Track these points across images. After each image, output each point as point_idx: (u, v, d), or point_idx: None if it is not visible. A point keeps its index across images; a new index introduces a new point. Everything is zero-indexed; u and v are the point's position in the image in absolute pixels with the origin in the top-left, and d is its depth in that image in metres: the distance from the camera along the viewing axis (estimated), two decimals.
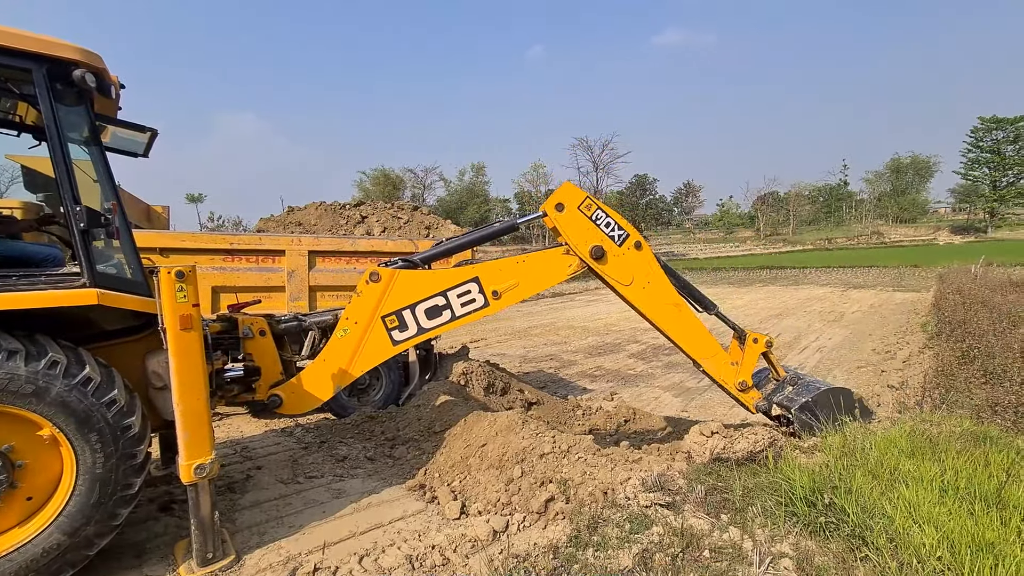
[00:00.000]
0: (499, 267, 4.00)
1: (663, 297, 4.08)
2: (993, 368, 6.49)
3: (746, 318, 14.19)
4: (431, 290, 3.89)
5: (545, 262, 4.07)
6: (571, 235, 4.01)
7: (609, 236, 4.03)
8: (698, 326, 4.13)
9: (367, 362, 3.91)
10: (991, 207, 62.77)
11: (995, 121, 62.97)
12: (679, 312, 4.09)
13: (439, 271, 4.06)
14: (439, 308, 3.91)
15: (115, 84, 3.36)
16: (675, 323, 4.10)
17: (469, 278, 3.92)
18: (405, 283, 3.87)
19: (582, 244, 4.01)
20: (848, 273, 25.98)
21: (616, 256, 4.03)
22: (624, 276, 4.04)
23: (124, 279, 3.19)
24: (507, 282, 3.96)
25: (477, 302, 3.94)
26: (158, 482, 4.12)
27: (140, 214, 6.81)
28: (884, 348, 9.76)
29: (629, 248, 4.03)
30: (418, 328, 3.90)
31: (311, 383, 3.91)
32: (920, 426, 4.52)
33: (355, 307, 3.86)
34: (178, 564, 3.04)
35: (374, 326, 3.85)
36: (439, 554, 3.09)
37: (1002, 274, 16.83)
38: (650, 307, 4.09)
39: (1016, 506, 3.09)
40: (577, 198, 4.04)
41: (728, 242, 65.14)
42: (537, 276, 4.04)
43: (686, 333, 4.11)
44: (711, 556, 2.90)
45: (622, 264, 4.03)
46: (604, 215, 4.04)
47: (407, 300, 3.87)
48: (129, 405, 2.91)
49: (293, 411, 3.98)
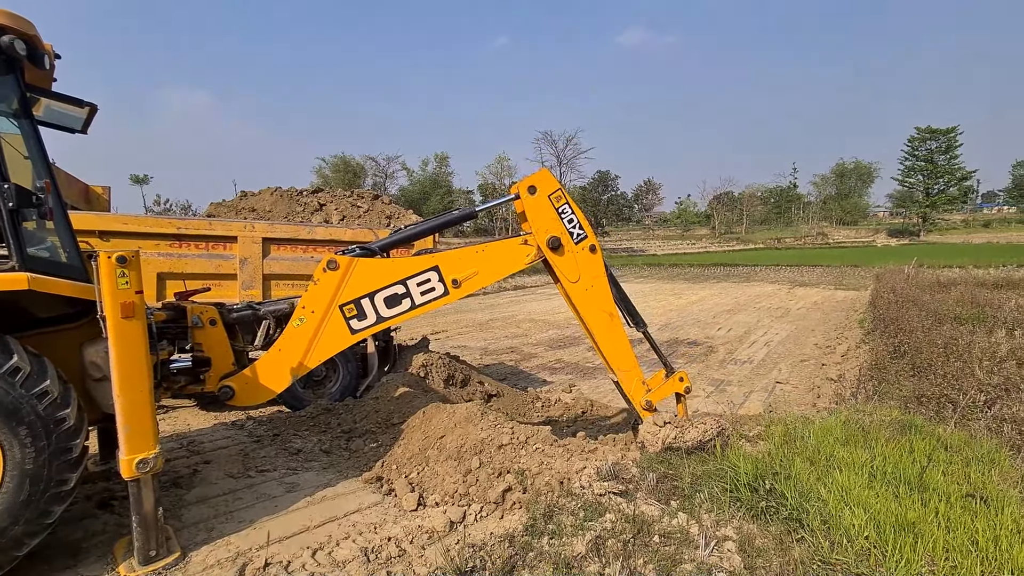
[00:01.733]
0: (459, 256, 4.01)
1: (601, 303, 4.24)
2: (920, 362, 6.99)
3: (701, 313, 14.71)
4: (390, 278, 3.87)
5: (503, 251, 4.12)
6: (535, 220, 4.09)
7: (569, 231, 4.14)
8: (623, 338, 4.31)
9: (324, 352, 3.83)
10: (924, 212, 67.26)
11: (929, 132, 67.36)
12: (611, 321, 4.26)
13: (398, 259, 4.03)
14: (398, 297, 3.88)
15: (49, 53, 3.13)
16: (604, 330, 4.26)
17: (429, 267, 3.91)
18: (363, 271, 3.82)
19: (543, 231, 4.09)
20: (795, 271, 27.29)
21: (571, 252, 4.15)
22: (572, 273, 4.17)
23: (58, 263, 3.00)
24: (467, 271, 3.97)
25: (437, 291, 3.94)
26: (96, 478, 3.92)
27: (77, 194, 6.36)
28: (825, 343, 10.34)
29: (584, 249, 4.17)
30: (377, 317, 3.86)
31: (265, 374, 3.80)
32: (854, 416, 4.83)
33: (312, 296, 3.78)
34: (118, 563, 2.90)
35: (331, 315, 3.79)
36: (395, 546, 3.08)
37: (931, 275, 18.09)
38: (587, 309, 4.24)
39: (935, 489, 3.36)
40: (550, 186, 4.13)
41: (685, 239, 67.15)
42: (496, 265, 4.09)
43: (611, 342, 4.29)
44: (660, 541, 3.02)
45: (574, 261, 4.16)
46: (570, 211, 4.15)
47: (366, 288, 3.82)
48: (63, 397, 2.74)
49: (246, 402, 3.86)
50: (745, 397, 7.02)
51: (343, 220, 7.06)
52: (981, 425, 4.81)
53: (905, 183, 71.00)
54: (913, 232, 66.07)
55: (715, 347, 10.28)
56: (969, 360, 6.73)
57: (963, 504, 3.19)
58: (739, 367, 8.71)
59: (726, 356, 9.52)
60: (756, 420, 5.16)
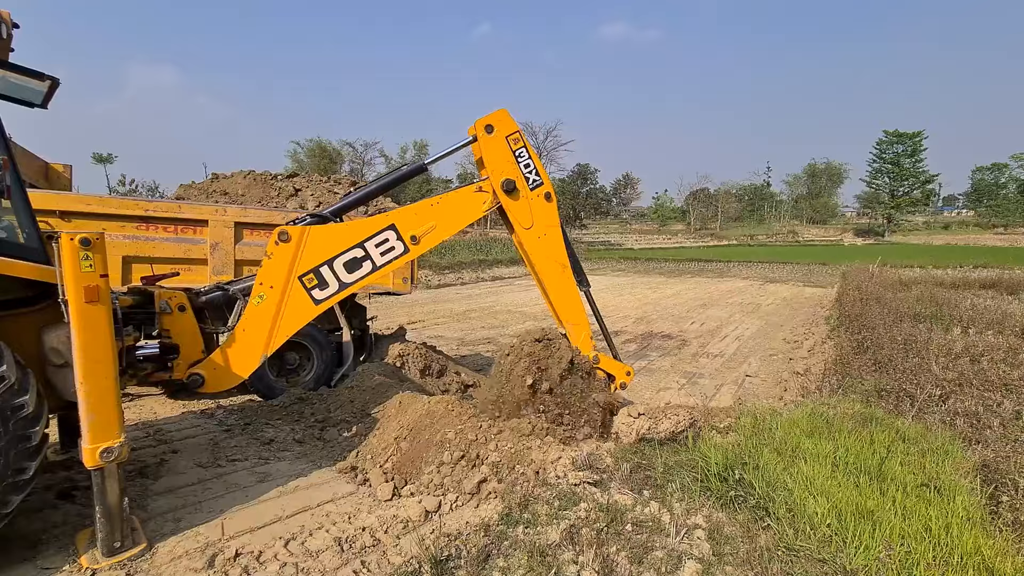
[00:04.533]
0: (414, 211, 3.92)
1: (554, 253, 4.18)
2: (881, 358, 7.27)
3: (675, 307, 14.97)
4: (347, 243, 3.76)
5: (459, 200, 4.04)
6: (491, 161, 4.01)
7: (525, 176, 4.07)
8: (573, 291, 4.27)
9: (290, 327, 3.75)
10: (889, 213, 69.63)
11: (896, 135, 69.60)
12: (563, 272, 4.21)
13: (352, 222, 3.92)
14: (358, 260, 3.79)
15: (6, 22, 2.97)
16: (556, 281, 4.21)
17: (385, 226, 3.82)
18: (318, 239, 3.71)
19: (498, 173, 4.02)
20: (767, 268, 27.96)
21: (525, 198, 4.08)
22: (525, 219, 4.11)
23: (14, 243, 2.86)
24: (424, 225, 3.90)
25: (397, 249, 3.87)
26: (57, 467, 3.78)
27: (36, 172, 6.06)
28: (793, 338, 10.66)
29: (539, 196, 4.10)
30: (339, 284, 3.77)
31: (232, 358, 3.70)
32: (819, 408, 5.00)
33: (267, 270, 3.66)
34: (80, 555, 2.82)
35: (292, 288, 3.68)
36: (369, 535, 3.07)
37: (894, 274, 18.78)
38: (539, 258, 4.18)
39: (893, 479, 3.51)
40: (508, 128, 4.03)
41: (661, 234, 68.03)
42: (453, 215, 4.01)
43: (562, 294, 4.24)
44: (633, 529, 3.08)
45: (528, 207, 4.09)
46: (527, 155, 4.07)
47: (323, 256, 3.72)
48: (21, 383, 2.63)
49: (216, 389, 3.76)
50: (716, 389, 7.20)
51: (319, 206, 6.91)
52: (936, 418, 5.04)
53: (872, 184, 73.29)
54: (878, 232, 68.36)
55: (688, 341, 10.49)
56: (927, 356, 7.03)
57: (918, 493, 3.34)
58: (711, 360, 8.91)
59: (699, 349, 9.73)
60: (727, 412, 5.29)
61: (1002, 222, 67.62)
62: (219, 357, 3.70)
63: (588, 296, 4.51)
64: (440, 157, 4.40)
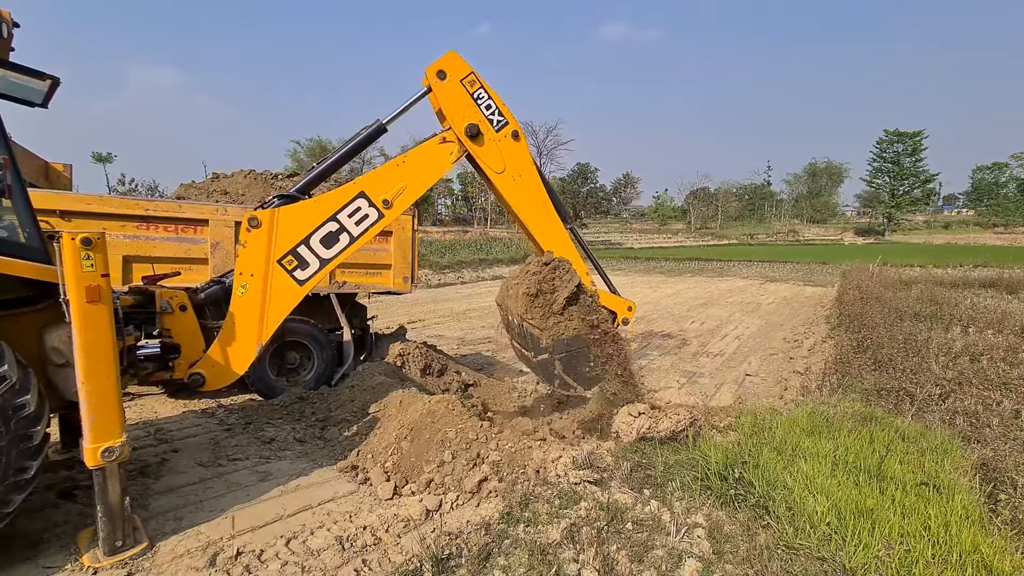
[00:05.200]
0: (381, 175, 3.82)
1: (533, 194, 4.04)
2: (881, 357, 7.27)
3: (675, 306, 14.97)
4: (319, 218, 3.68)
5: (424, 155, 3.90)
6: (449, 109, 3.85)
7: (488, 118, 3.93)
8: (561, 230, 4.12)
9: (279, 312, 3.70)
10: (889, 212, 69.63)
11: (897, 134, 69.57)
12: (545, 212, 4.06)
13: (321, 196, 3.81)
14: (334, 234, 3.71)
15: (7, 21, 2.97)
16: (540, 222, 4.07)
17: (355, 195, 3.74)
18: (289, 219, 3.64)
19: (459, 119, 3.86)
20: (767, 267, 27.96)
21: (492, 141, 3.94)
22: (496, 163, 3.97)
23: (16, 243, 2.86)
24: (394, 187, 3.80)
25: (371, 216, 3.78)
26: (58, 467, 3.79)
27: (36, 171, 6.06)
28: (793, 337, 10.66)
29: (506, 136, 3.95)
30: (320, 261, 3.71)
31: (228, 352, 3.66)
32: (819, 408, 5.01)
33: (245, 259, 3.61)
34: (82, 554, 2.82)
35: (273, 273, 3.62)
36: (371, 534, 3.07)
37: (894, 273, 18.77)
38: (518, 201, 4.03)
39: (892, 477, 3.52)
40: (461, 70, 3.88)
41: (662, 233, 68.02)
42: (421, 172, 3.88)
43: (549, 234, 4.09)
44: (633, 528, 3.09)
45: (497, 150, 3.94)
46: (486, 96, 3.92)
47: (298, 235, 3.65)
48: (22, 382, 2.64)
49: (217, 386, 3.74)
50: (716, 389, 7.20)
51: None
52: (936, 417, 5.04)
53: (872, 184, 73.28)
54: (878, 231, 68.33)
55: (688, 340, 10.49)
56: (926, 355, 7.03)
57: (917, 492, 3.35)
58: (711, 359, 8.91)
59: (699, 349, 9.73)
60: (726, 411, 5.30)
61: (1002, 221, 67.59)
62: (216, 354, 3.68)
63: (575, 233, 4.33)
64: (397, 114, 4.03)
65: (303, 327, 6.06)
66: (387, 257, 6.55)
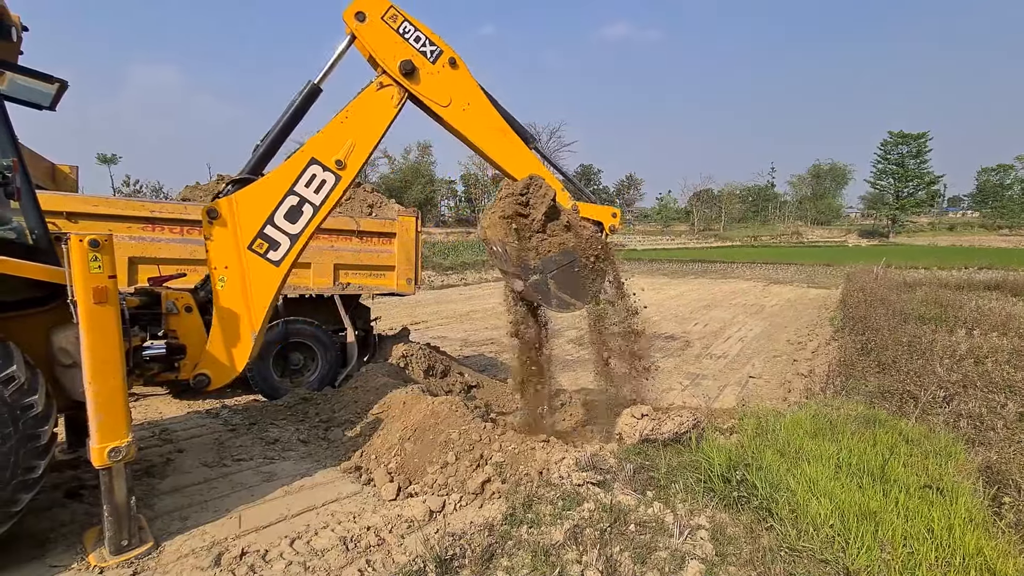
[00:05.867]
0: (327, 136, 3.71)
1: (487, 120, 3.84)
2: (885, 359, 7.25)
3: (678, 308, 14.95)
4: (277, 194, 3.59)
5: (364, 106, 3.75)
6: (378, 49, 3.67)
7: (420, 51, 3.72)
8: (525, 152, 3.95)
9: (263, 298, 3.67)
10: (893, 214, 69.37)
11: (901, 136, 69.34)
12: (504, 137, 3.87)
13: (272, 172, 3.73)
14: (296, 207, 3.63)
15: (16, 25, 3.01)
16: (502, 148, 3.90)
17: (306, 162, 3.64)
18: (247, 202, 3.56)
19: (390, 59, 3.67)
20: (770, 269, 27.90)
21: (430, 74, 3.74)
22: (441, 96, 3.77)
23: (25, 245, 2.90)
24: (343, 146, 3.68)
25: (328, 181, 3.68)
26: (64, 466, 3.82)
27: (43, 173, 6.10)
28: (797, 339, 10.63)
29: (444, 66, 3.75)
30: (290, 237, 3.63)
31: (226, 347, 3.67)
32: (823, 410, 5.00)
33: (215, 253, 3.56)
34: (88, 553, 2.85)
35: (246, 260, 3.57)
36: (374, 535, 3.09)
37: (899, 275, 18.71)
38: (474, 130, 3.84)
39: (896, 480, 3.51)
40: (379, 6, 3.68)
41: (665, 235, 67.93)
42: (366, 125, 3.74)
43: (514, 158, 3.91)
44: (636, 529, 3.09)
45: (437, 83, 3.74)
46: (413, 28, 3.73)
47: (261, 217, 3.57)
48: (30, 382, 2.67)
49: (222, 383, 3.76)
50: (720, 391, 7.20)
51: None
52: (940, 420, 5.03)
53: (877, 185, 73.03)
54: (883, 233, 68.06)
55: (691, 342, 10.48)
56: (931, 358, 7.01)
57: (921, 495, 3.34)
58: (714, 361, 8.90)
59: (702, 351, 9.72)
60: (730, 413, 5.30)
61: (1007, 223, 67.23)
62: (216, 352, 3.68)
63: (540, 152, 4.16)
64: (327, 70, 3.80)
65: (307, 328, 6.10)
66: (390, 259, 6.57)
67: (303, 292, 6.17)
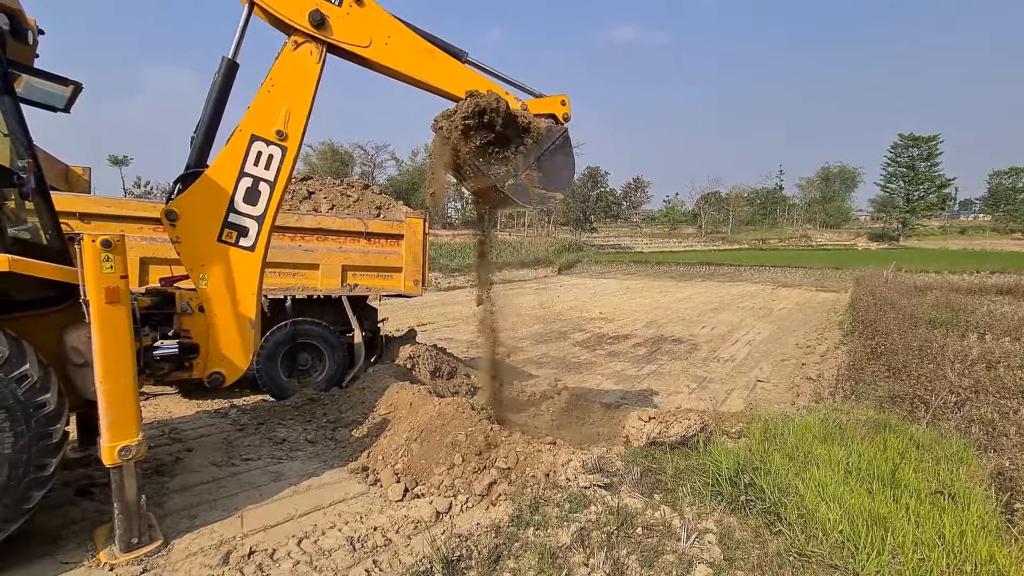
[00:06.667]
0: (258, 108, 3.62)
1: (412, 47, 3.75)
2: (895, 364, 7.18)
3: (686, 311, 14.89)
4: (229, 180, 3.54)
5: (287, 69, 3.64)
6: (281, 8, 3.54)
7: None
8: (463, 68, 3.88)
9: (249, 288, 3.66)
10: (904, 217, 68.69)
11: (912, 139, 68.71)
12: (432, 57, 3.79)
13: (216, 159, 3.65)
14: (252, 189, 3.59)
15: (32, 28, 3.06)
16: (436, 71, 3.81)
17: (247, 141, 3.58)
18: (202, 196, 3.51)
19: (298, 15, 3.54)
20: (778, 272, 27.69)
21: (340, 18, 3.61)
22: (360, 38, 3.65)
23: (39, 245, 2.94)
24: (279, 115, 3.61)
25: (276, 155, 3.61)
26: (75, 465, 3.86)
27: (57, 175, 6.18)
28: (806, 343, 10.55)
29: (351, 5, 3.63)
30: (256, 220, 3.60)
31: (229, 342, 3.68)
32: (832, 414, 4.96)
33: (187, 254, 3.54)
34: (99, 550, 2.87)
35: (220, 253, 3.56)
36: (381, 535, 3.09)
37: (909, 279, 18.54)
38: (402, 62, 3.74)
39: (906, 485, 3.48)
40: None
41: (672, 238, 67.67)
42: (295, 88, 3.64)
43: (453, 78, 3.82)
44: (643, 533, 3.08)
45: (350, 25, 3.62)
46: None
47: (220, 208, 3.53)
48: (43, 381, 2.70)
49: (234, 378, 3.77)
50: (727, 394, 7.15)
51: (332, 209, 6.98)
52: (951, 425, 4.97)
53: (887, 188, 72.37)
54: (893, 237, 67.40)
55: (699, 345, 10.42)
56: (942, 362, 6.94)
57: (932, 500, 3.30)
58: (722, 365, 8.85)
59: (709, 354, 9.66)
60: (737, 417, 5.26)
61: (1020, 227, 66.39)
62: (220, 346, 3.69)
63: (473, 63, 4.04)
64: (237, 43, 3.65)
65: (315, 329, 6.13)
66: (398, 260, 6.60)
67: (311, 293, 6.21)
